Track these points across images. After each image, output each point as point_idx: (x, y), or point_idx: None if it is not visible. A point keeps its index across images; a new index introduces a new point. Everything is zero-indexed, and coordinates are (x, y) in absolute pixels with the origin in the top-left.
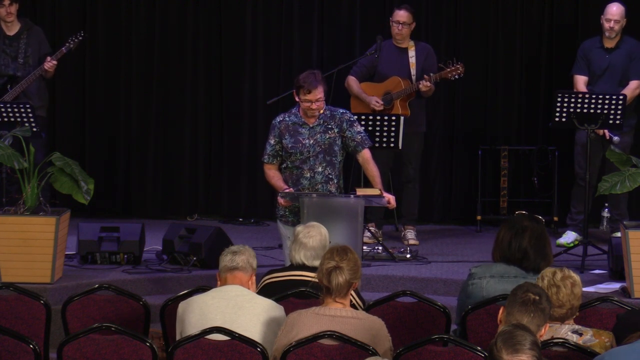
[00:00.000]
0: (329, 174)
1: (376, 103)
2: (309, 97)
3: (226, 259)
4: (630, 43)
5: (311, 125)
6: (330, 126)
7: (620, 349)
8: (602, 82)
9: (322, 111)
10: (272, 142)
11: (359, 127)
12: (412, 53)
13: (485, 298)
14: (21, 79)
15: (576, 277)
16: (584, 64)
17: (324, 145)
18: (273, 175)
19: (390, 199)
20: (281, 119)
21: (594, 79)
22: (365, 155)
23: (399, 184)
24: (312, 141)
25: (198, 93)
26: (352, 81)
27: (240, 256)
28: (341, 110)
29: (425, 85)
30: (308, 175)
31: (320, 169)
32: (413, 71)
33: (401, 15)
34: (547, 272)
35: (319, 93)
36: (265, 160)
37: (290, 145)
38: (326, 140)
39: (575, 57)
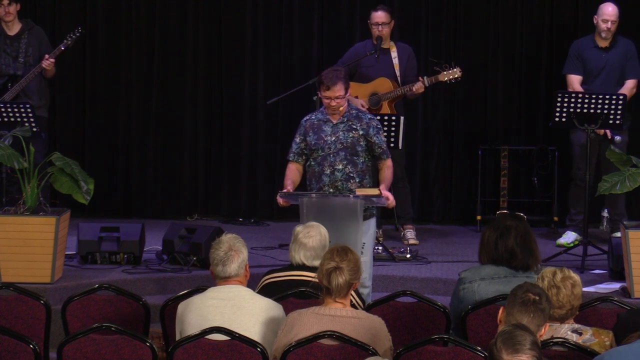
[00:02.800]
0: (350, 172)
1: (362, 107)
2: (327, 93)
3: (217, 269)
4: (624, 42)
5: (334, 123)
6: (354, 126)
7: (620, 348)
8: (599, 81)
9: (342, 109)
10: (297, 140)
11: (383, 136)
12: (394, 54)
13: (478, 302)
14: (21, 79)
15: (576, 277)
16: (579, 63)
17: (345, 143)
18: (288, 173)
19: (388, 196)
20: (308, 117)
21: (590, 78)
22: (390, 163)
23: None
24: (333, 138)
25: (198, 93)
26: None
27: (231, 265)
28: (369, 116)
29: (421, 87)
30: (328, 171)
31: (340, 167)
32: (397, 72)
33: (379, 16)
34: (547, 272)
35: (338, 90)
36: (289, 158)
37: (313, 142)
38: (349, 139)
39: (567, 56)
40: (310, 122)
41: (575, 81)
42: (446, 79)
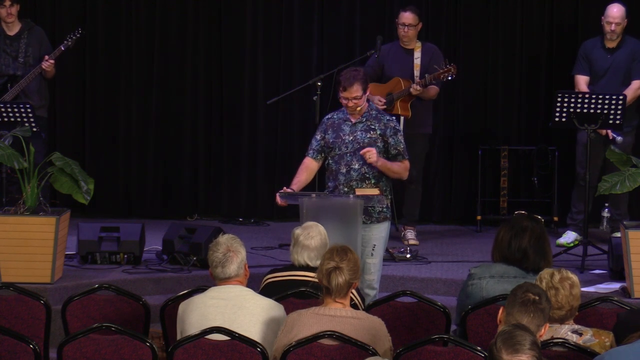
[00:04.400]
0: (366, 172)
1: (378, 102)
2: (344, 94)
3: (217, 271)
4: (632, 43)
5: (353, 122)
6: (373, 127)
7: (620, 348)
8: (604, 82)
9: (359, 109)
10: (317, 137)
11: (402, 137)
12: (417, 54)
13: (485, 298)
14: (21, 79)
15: (574, 277)
16: (585, 64)
17: (363, 143)
18: (300, 169)
19: (370, 150)
20: (330, 116)
21: (595, 79)
22: (406, 164)
23: (401, 185)
24: (351, 137)
25: (198, 93)
26: None
27: (231, 266)
28: (387, 117)
29: (415, 89)
30: (344, 170)
31: (356, 166)
32: (416, 72)
33: (407, 17)
34: (545, 273)
35: (355, 91)
36: (308, 154)
37: (331, 140)
38: (366, 139)
39: (576, 57)
40: (331, 120)
41: (581, 82)
42: (442, 76)
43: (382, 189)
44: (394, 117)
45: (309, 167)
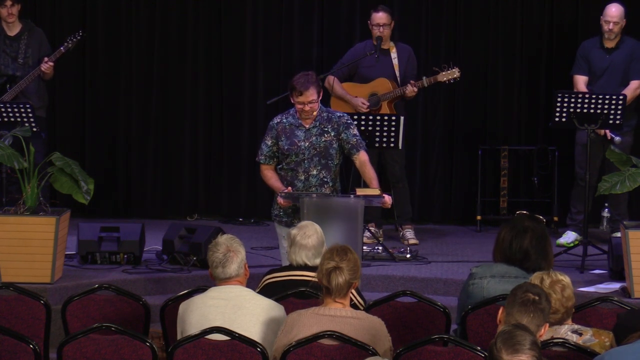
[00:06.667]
0: (324, 177)
1: (362, 105)
2: (301, 99)
3: (217, 271)
4: (630, 43)
5: (307, 127)
6: (326, 129)
7: (620, 349)
8: (602, 82)
9: (315, 113)
10: (268, 143)
11: (355, 130)
12: (394, 54)
13: (486, 298)
14: (20, 79)
15: (565, 279)
16: (584, 64)
17: (319, 148)
18: (271, 176)
19: (386, 198)
20: (278, 120)
21: (594, 79)
22: (362, 158)
23: (388, 186)
24: (307, 143)
25: (198, 93)
26: (334, 81)
27: (231, 266)
28: (338, 114)
29: (412, 90)
30: (302, 177)
31: (315, 172)
32: (397, 72)
33: (380, 17)
34: (535, 279)
35: (311, 95)
36: (261, 161)
37: (286, 147)
38: (322, 143)
39: (575, 58)
40: (282, 125)
41: (580, 82)
42: (445, 79)
43: (336, 190)
44: (345, 114)
45: (274, 172)
